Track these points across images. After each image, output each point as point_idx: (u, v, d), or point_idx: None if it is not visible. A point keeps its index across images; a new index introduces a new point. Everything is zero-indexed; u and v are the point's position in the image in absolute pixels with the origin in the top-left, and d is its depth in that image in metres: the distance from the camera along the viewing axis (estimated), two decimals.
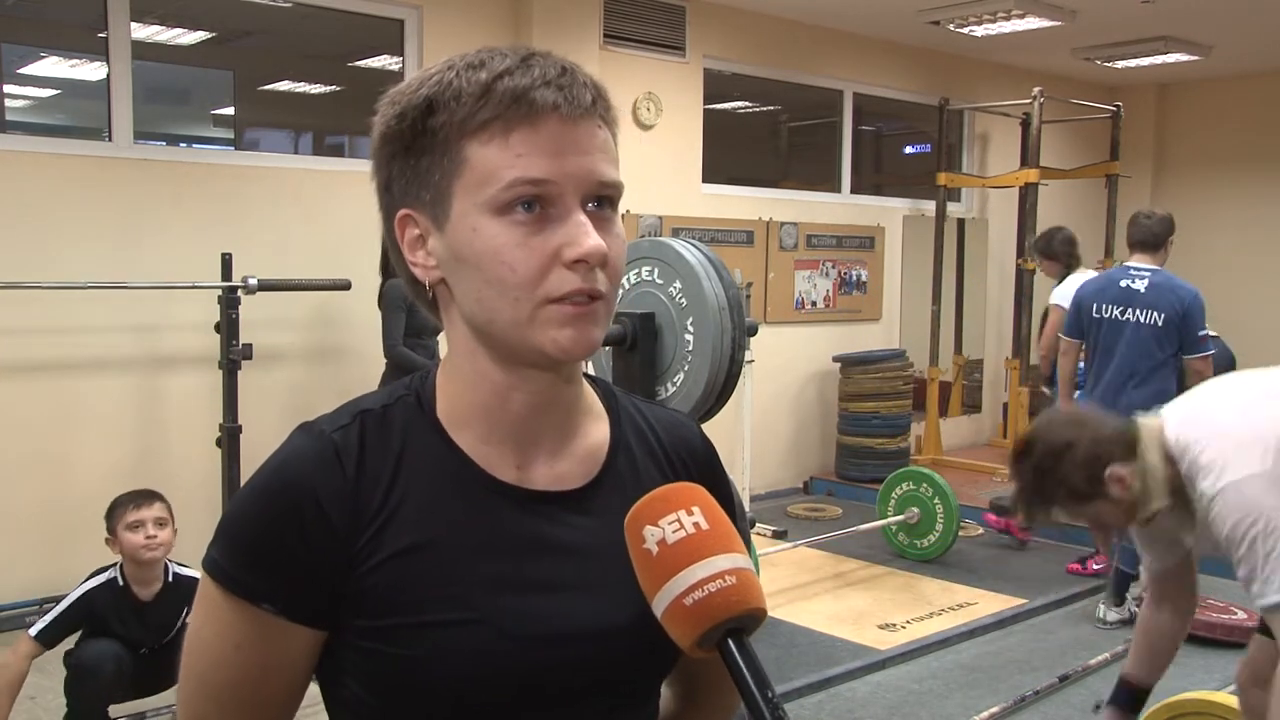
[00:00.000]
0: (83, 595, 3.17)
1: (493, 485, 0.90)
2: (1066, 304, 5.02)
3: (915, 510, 5.52)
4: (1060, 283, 5.60)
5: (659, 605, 0.79)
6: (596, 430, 0.97)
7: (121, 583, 3.19)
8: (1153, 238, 4.65)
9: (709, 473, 1.03)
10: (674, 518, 0.80)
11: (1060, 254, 5.70)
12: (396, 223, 0.89)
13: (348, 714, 0.90)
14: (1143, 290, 4.58)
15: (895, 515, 5.56)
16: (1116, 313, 4.61)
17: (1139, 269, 4.64)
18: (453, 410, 0.92)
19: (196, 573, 3.21)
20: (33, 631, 3.12)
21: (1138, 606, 4.18)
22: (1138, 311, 4.57)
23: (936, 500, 5.45)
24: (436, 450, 0.90)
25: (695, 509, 0.81)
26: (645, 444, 1.00)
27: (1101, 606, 4.74)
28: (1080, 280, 5.10)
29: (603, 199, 0.86)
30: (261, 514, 0.86)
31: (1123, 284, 4.62)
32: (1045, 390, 5.89)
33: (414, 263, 0.89)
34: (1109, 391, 4.57)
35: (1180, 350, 4.52)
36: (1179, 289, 4.54)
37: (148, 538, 3.12)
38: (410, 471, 0.89)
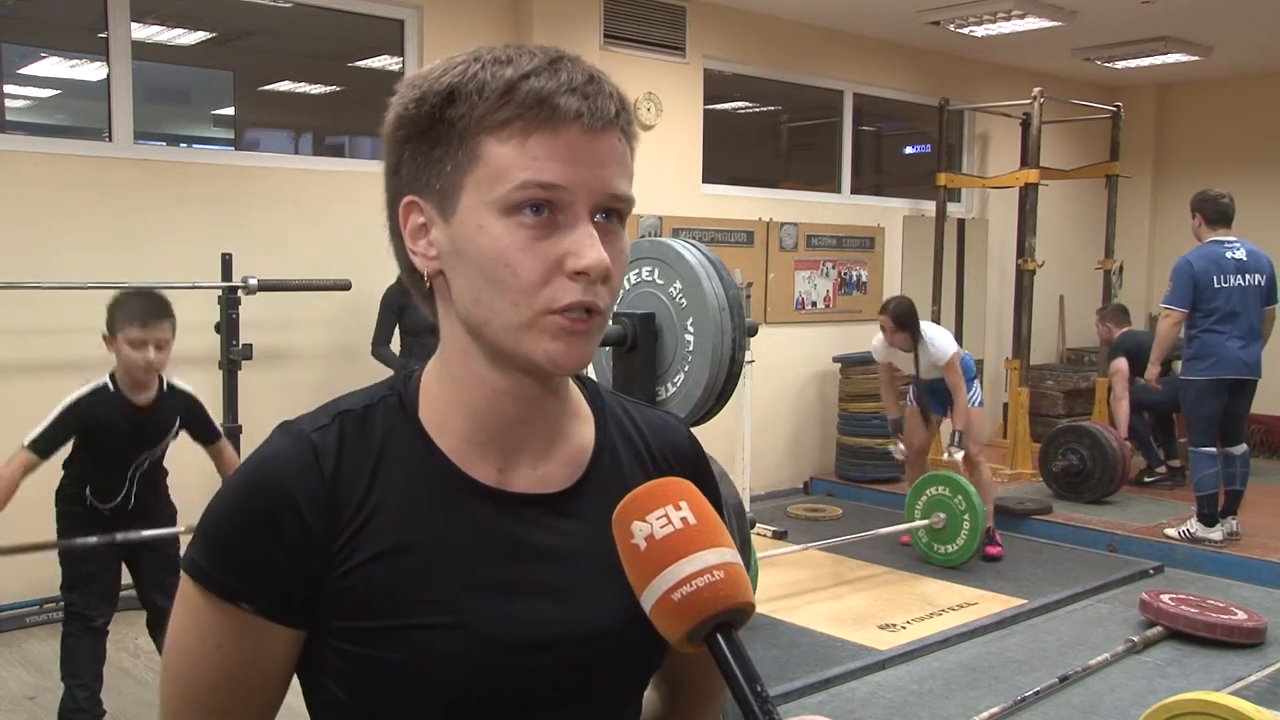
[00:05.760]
0: (71, 404, 3.11)
1: (473, 488, 0.89)
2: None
3: (941, 515, 5.40)
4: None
5: (647, 601, 0.78)
6: (581, 432, 0.96)
7: (113, 388, 3.14)
8: (1231, 213, 5.52)
9: (696, 475, 1.01)
10: (662, 513, 0.79)
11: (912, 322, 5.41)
12: (401, 208, 0.87)
13: (329, 715, 0.90)
14: (1245, 258, 5.41)
15: (921, 520, 5.46)
16: (1238, 280, 5.39)
17: (1230, 241, 5.44)
18: (437, 411, 0.90)
19: (189, 387, 3.24)
20: (26, 441, 3.07)
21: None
22: (1248, 276, 5.40)
23: (966, 515, 5.31)
24: (417, 452, 0.89)
25: (683, 504, 0.80)
26: (631, 446, 0.98)
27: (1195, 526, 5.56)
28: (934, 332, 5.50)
29: (611, 211, 0.85)
30: (237, 514, 0.86)
31: (1228, 255, 5.40)
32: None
33: (414, 251, 0.88)
34: (1237, 348, 5.36)
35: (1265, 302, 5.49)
36: (1260, 251, 5.48)
37: (146, 361, 3.06)
38: (389, 473, 0.87)
